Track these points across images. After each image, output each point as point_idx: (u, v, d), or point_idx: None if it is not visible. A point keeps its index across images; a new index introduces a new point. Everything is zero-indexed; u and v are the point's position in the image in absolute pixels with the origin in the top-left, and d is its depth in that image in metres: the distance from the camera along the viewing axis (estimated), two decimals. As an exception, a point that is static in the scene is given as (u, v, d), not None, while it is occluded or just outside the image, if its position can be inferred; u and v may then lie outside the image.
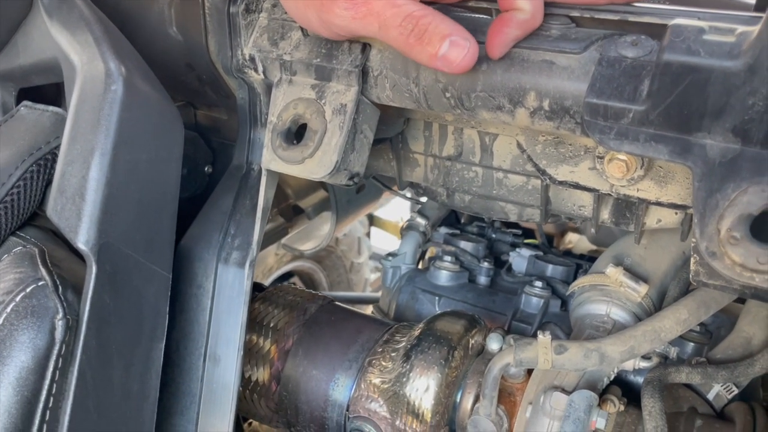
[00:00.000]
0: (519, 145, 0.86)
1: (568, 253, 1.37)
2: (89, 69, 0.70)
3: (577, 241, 2.06)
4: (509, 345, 0.88)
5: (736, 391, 0.88)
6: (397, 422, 0.91)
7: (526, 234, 1.49)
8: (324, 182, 1.57)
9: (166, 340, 0.79)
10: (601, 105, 0.63)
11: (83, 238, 0.67)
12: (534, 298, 1.17)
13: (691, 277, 0.65)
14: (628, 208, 0.87)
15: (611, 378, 0.90)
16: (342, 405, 0.96)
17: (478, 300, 1.22)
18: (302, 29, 0.80)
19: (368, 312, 1.35)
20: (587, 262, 1.26)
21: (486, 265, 1.27)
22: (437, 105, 0.75)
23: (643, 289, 0.92)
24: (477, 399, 0.91)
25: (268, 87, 0.87)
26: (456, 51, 0.65)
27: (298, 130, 0.80)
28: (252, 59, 0.83)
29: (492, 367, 0.85)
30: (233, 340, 0.84)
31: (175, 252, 0.81)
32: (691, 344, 0.99)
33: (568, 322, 1.04)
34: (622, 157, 0.74)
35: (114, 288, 0.69)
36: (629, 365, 0.87)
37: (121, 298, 0.71)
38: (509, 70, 0.68)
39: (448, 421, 0.93)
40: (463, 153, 0.92)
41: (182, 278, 0.86)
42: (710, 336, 0.99)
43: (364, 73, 0.76)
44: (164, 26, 0.87)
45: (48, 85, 0.94)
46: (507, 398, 0.91)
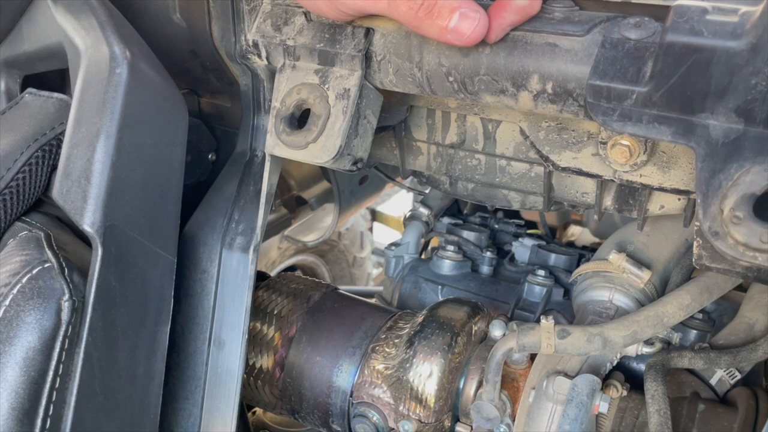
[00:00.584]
0: (522, 132, 0.86)
1: (570, 244, 1.38)
2: (94, 53, 0.71)
3: (579, 234, 2.06)
4: (512, 331, 0.88)
5: (738, 376, 0.89)
6: (401, 408, 0.91)
7: (529, 226, 1.49)
8: (327, 173, 1.59)
9: (171, 324, 0.79)
10: (604, 87, 0.63)
11: (89, 220, 0.67)
12: (537, 286, 1.17)
13: (694, 260, 0.65)
14: (631, 195, 0.86)
15: (614, 364, 0.90)
16: (346, 391, 0.96)
17: (481, 289, 1.22)
18: (306, 14, 0.80)
19: (371, 303, 1.35)
20: (590, 252, 1.26)
21: (489, 254, 1.27)
22: (440, 89, 0.75)
23: (645, 275, 0.92)
24: (480, 384, 0.92)
25: (272, 73, 0.87)
26: (467, 23, 0.65)
27: (302, 116, 0.80)
28: (255, 45, 0.83)
29: (495, 352, 0.85)
30: (237, 324, 0.84)
31: (180, 237, 0.81)
32: (694, 331, 0.99)
33: (570, 311, 1.04)
34: (625, 142, 0.74)
35: (119, 270, 0.70)
36: (632, 351, 0.87)
37: (126, 280, 0.71)
38: (512, 53, 0.68)
39: (452, 406, 0.93)
40: (466, 140, 0.92)
41: (187, 263, 0.86)
42: (713, 323, 0.99)
43: (367, 58, 0.76)
44: (168, 13, 0.87)
45: (52, 72, 0.94)
46: (510, 384, 0.91)
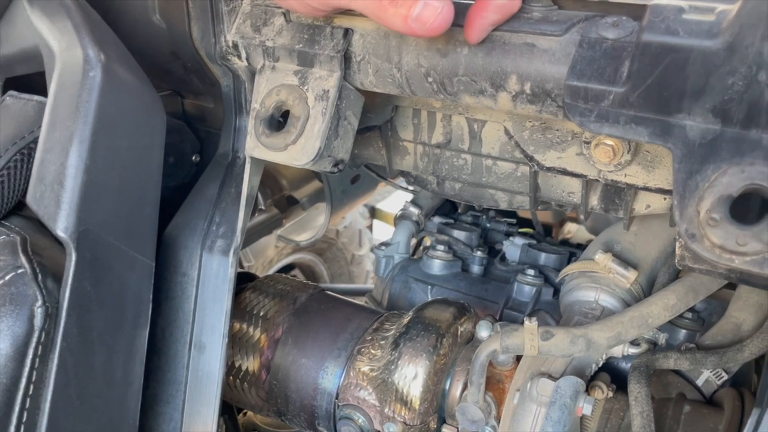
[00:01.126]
0: (507, 132, 0.86)
1: (565, 242, 1.37)
2: (68, 55, 0.70)
3: (576, 231, 2.05)
4: (497, 332, 0.87)
5: (725, 377, 0.88)
6: (386, 410, 0.91)
7: (524, 224, 1.48)
8: (318, 173, 1.59)
9: (152, 328, 0.79)
10: (581, 87, 0.62)
11: (62, 225, 0.67)
12: (526, 286, 1.17)
13: (677, 261, 0.64)
14: (617, 194, 0.86)
15: (600, 365, 0.89)
16: (331, 393, 0.96)
17: (471, 289, 1.22)
18: (285, 15, 0.80)
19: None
20: (581, 251, 1.25)
21: (479, 254, 1.27)
22: (420, 90, 0.74)
23: (632, 275, 0.91)
24: (466, 386, 0.91)
25: (252, 74, 0.87)
26: (429, 11, 0.63)
27: (283, 117, 0.80)
28: (235, 46, 0.83)
29: (479, 354, 0.85)
30: (218, 327, 0.84)
31: (160, 240, 0.81)
32: (684, 331, 0.99)
33: (560, 311, 1.03)
34: (608, 142, 0.73)
35: (95, 275, 0.69)
36: (618, 352, 0.87)
37: (102, 285, 0.70)
38: (490, 53, 0.68)
39: (437, 408, 0.92)
40: (452, 140, 0.91)
41: (167, 266, 0.85)
42: (702, 323, 0.98)
43: (346, 59, 0.75)
44: (148, 14, 0.86)
45: (36, 74, 0.94)
46: (496, 385, 0.91)
